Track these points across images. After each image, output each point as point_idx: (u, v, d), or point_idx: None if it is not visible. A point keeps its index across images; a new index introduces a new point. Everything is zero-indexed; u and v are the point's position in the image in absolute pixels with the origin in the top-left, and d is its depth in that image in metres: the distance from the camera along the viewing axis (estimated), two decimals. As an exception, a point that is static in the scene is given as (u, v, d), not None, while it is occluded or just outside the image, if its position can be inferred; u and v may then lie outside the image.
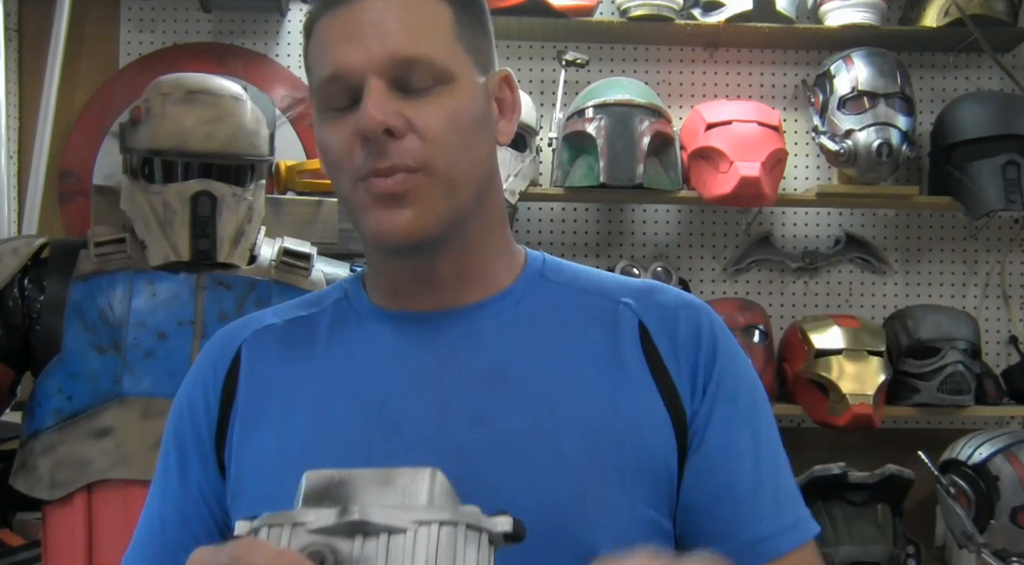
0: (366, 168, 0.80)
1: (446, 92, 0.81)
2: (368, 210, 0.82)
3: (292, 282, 1.80)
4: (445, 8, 0.83)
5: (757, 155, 2.42)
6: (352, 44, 0.80)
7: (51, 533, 1.68)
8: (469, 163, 0.83)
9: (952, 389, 2.48)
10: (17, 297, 1.73)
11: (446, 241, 0.84)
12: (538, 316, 0.88)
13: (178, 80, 1.81)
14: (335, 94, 0.82)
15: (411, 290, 0.88)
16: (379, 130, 0.78)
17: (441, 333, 0.87)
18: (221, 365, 0.91)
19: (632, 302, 0.89)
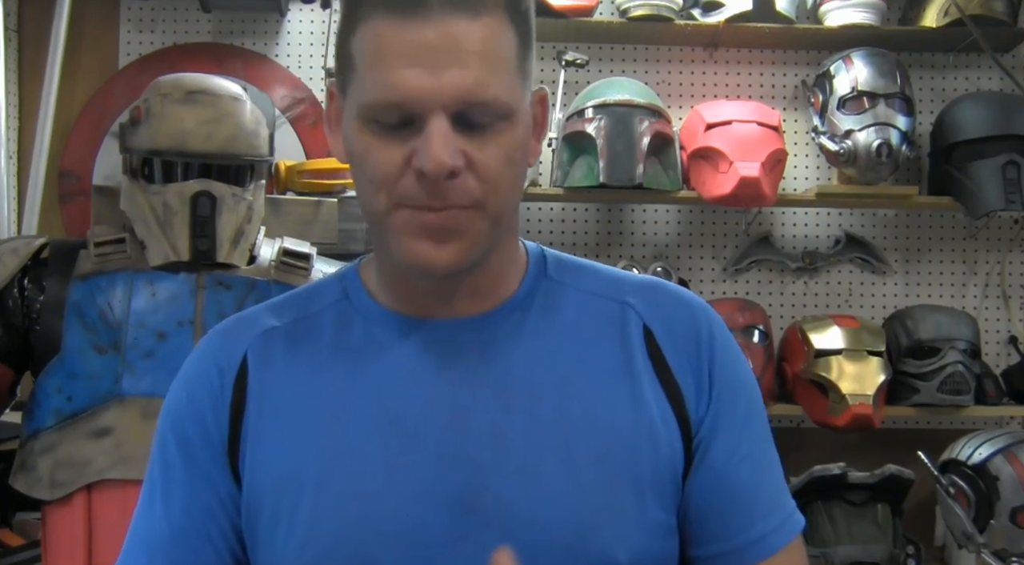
0: (417, 200, 0.77)
1: (506, 129, 0.79)
2: (409, 237, 0.79)
3: (292, 282, 1.80)
4: (512, 36, 0.80)
5: (757, 155, 2.42)
6: (421, 69, 0.75)
7: (51, 533, 1.68)
8: (514, 198, 0.84)
9: (952, 389, 2.48)
10: (17, 297, 1.73)
11: (471, 268, 0.83)
12: (546, 321, 0.88)
13: (178, 80, 1.81)
14: (388, 113, 0.77)
15: (425, 300, 0.87)
16: (444, 172, 0.75)
17: (453, 343, 0.86)
18: (228, 371, 0.88)
19: (636, 303, 0.89)
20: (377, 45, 0.76)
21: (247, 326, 0.91)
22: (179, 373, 0.92)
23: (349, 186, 2.46)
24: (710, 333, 0.89)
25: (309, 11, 2.74)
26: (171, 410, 0.90)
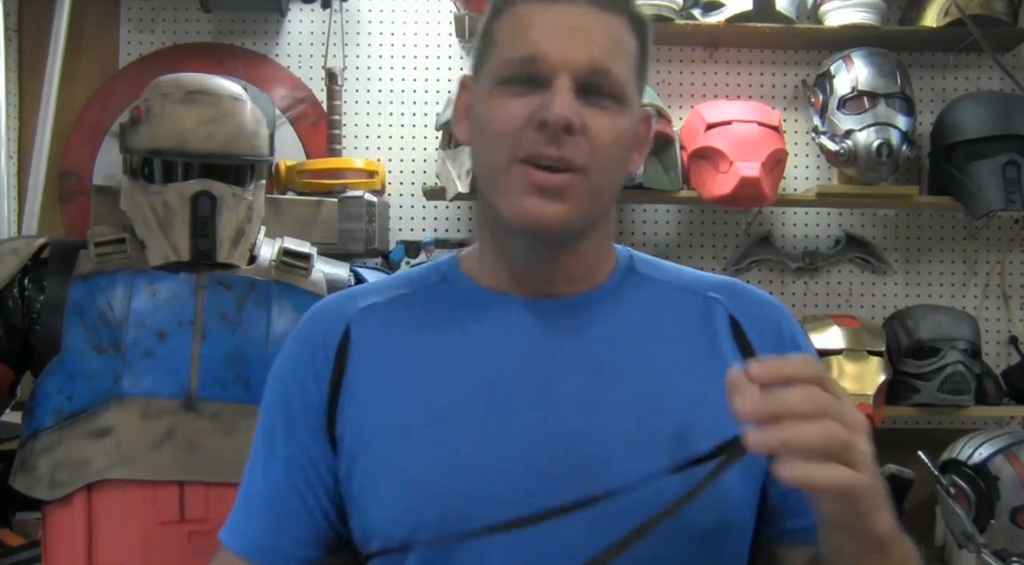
0: (534, 150, 0.85)
1: (618, 112, 0.88)
2: (522, 194, 0.86)
3: (292, 282, 1.80)
4: (635, 44, 0.91)
5: (757, 155, 2.42)
6: (556, 38, 0.86)
7: (51, 533, 1.67)
8: (614, 178, 0.91)
9: (952, 389, 2.48)
10: (17, 297, 1.73)
11: (572, 240, 0.91)
12: (635, 308, 0.95)
13: (178, 80, 1.81)
14: (519, 74, 0.87)
15: (524, 277, 0.94)
16: (562, 124, 0.84)
17: (547, 320, 0.92)
18: (331, 340, 0.94)
19: (720, 297, 0.97)
20: (521, 20, 0.88)
21: (348, 301, 0.98)
22: (284, 346, 0.99)
23: (349, 186, 2.47)
24: (791, 329, 0.97)
25: (309, 11, 2.74)
26: (277, 380, 0.97)
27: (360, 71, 2.75)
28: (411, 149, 2.75)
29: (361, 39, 2.76)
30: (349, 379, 0.92)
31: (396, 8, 2.77)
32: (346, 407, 0.92)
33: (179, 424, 1.67)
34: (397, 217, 2.73)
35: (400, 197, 2.74)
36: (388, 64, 2.77)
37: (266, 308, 1.76)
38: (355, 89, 2.74)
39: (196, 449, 1.66)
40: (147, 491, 1.65)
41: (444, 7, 2.75)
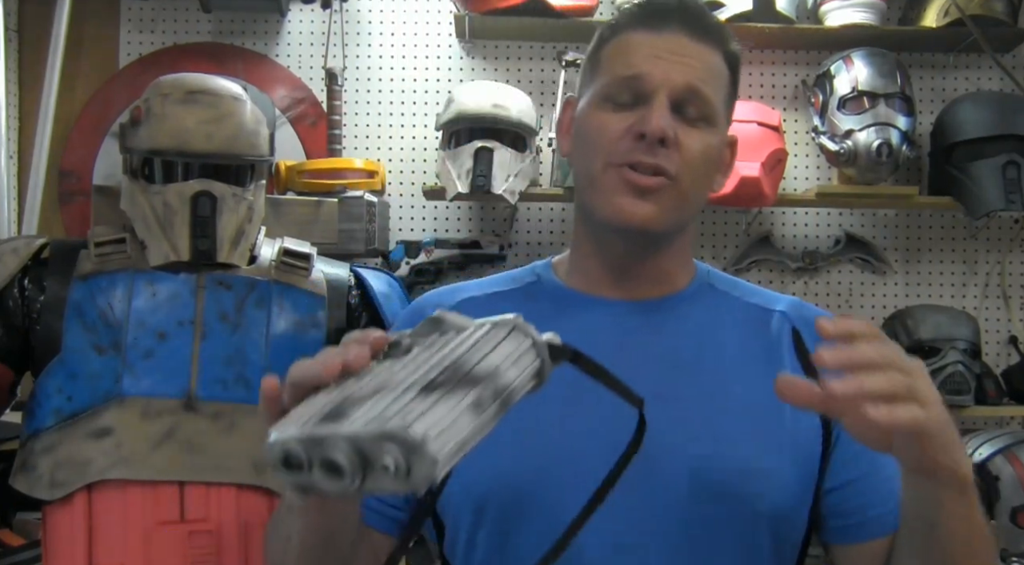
0: (630, 157, 0.95)
1: (708, 131, 0.99)
2: (615, 193, 0.96)
3: (292, 282, 1.80)
4: (726, 72, 1.02)
5: (757, 155, 2.42)
6: (658, 62, 0.97)
7: (51, 533, 1.67)
8: (700, 191, 1.01)
9: (952, 389, 2.48)
10: (17, 297, 1.73)
11: (659, 244, 1.01)
12: (708, 315, 1.04)
13: (178, 80, 1.81)
14: (623, 91, 0.98)
15: (613, 276, 1.03)
16: (659, 135, 0.94)
17: (627, 318, 1.01)
18: None
19: (787, 311, 1.06)
20: (626, 46, 1.00)
21: (451, 294, 1.09)
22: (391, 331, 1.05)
23: (349, 186, 2.47)
24: None
25: (309, 11, 2.74)
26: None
27: (360, 71, 2.75)
28: (411, 149, 2.75)
29: (361, 39, 2.76)
30: None
31: (396, 8, 2.77)
32: None
33: (179, 424, 1.67)
34: (397, 217, 2.73)
35: (400, 197, 2.74)
36: (388, 64, 2.77)
37: (266, 308, 1.76)
38: (355, 89, 2.74)
39: (196, 449, 1.66)
40: (147, 491, 1.65)
41: (444, 7, 2.75)
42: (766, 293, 1.11)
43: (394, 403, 0.63)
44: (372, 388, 0.66)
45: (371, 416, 0.63)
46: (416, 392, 0.64)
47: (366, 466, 0.62)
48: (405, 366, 0.68)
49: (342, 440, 0.62)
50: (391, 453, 0.61)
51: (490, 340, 0.71)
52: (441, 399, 0.64)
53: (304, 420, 0.66)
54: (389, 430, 0.61)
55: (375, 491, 0.63)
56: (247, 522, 1.66)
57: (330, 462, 0.62)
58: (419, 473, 0.61)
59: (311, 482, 0.64)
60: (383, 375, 0.68)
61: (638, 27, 1.00)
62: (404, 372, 0.67)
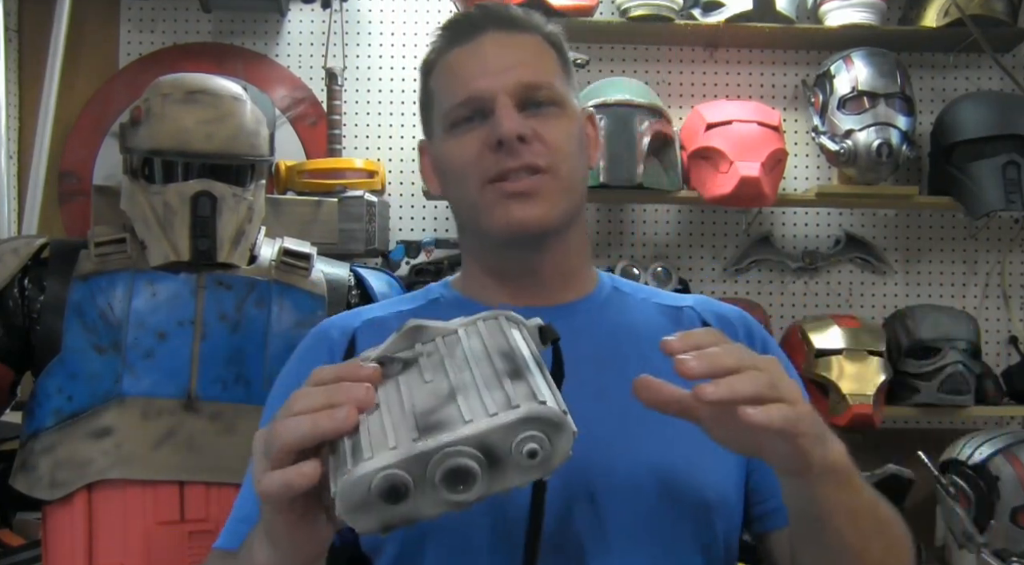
0: (498, 168, 0.94)
1: (560, 114, 0.98)
2: (498, 206, 0.95)
3: (292, 282, 1.80)
4: (551, 51, 1.02)
5: (757, 155, 2.42)
6: (482, 73, 0.96)
7: (51, 533, 1.67)
8: (578, 175, 1.00)
9: (952, 389, 2.48)
10: (17, 297, 1.73)
11: (555, 240, 0.99)
12: (621, 316, 1.03)
13: (178, 80, 1.81)
14: (464, 115, 0.97)
15: (517, 287, 1.01)
16: (514, 135, 0.93)
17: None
18: (337, 350, 0.99)
19: (694, 305, 1.07)
20: (450, 71, 0.99)
21: (354, 317, 1.05)
22: (291, 359, 1.04)
23: (349, 186, 2.46)
24: (761, 333, 1.07)
25: (309, 11, 2.74)
26: (276, 395, 1.00)
27: (360, 71, 2.75)
28: (411, 149, 2.75)
29: (361, 39, 2.76)
30: None
31: (396, 8, 2.77)
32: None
33: (179, 424, 1.67)
34: (397, 217, 2.73)
35: (400, 197, 2.74)
36: (388, 64, 2.77)
37: (266, 308, 1.76)
38: (355, 89, 2.74)
39: (196, 449, 1.66)
40: (147, 491, 1.65)
41: (444, 7, 2.75)
42: (668, 294, 1.11)
43: (487, 397, 0.61)
44: (430, 398, 0.63)
45: (478, 413, 0.60)
46: (496, 382, 0.62)
47: (495, 464, 0.60)
48: (453, 369, 0.66)
49: (464, 443, 0.59)
50: (534, 437, 0.59)
51: (496, 331, 0.70)
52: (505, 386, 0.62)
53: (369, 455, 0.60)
54: (531, 412, 0.59)
55: (503, 490, 0.61)
56: (247, 522, 1.66)
57: (457, 470, 0.59)
58: (560, 451, 0.60)
59: (414, 510, 0.60)
60: (423, 388, 0.65)
61: (453, 47, 1.00)
62: (462, 374, 0.65)
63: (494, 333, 0.70)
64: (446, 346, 0.69)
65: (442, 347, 0.69)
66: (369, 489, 0.60)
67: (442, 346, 0.70)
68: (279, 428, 0.66)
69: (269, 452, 0.67)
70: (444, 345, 0.70)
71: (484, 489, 0.60)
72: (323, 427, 0.65)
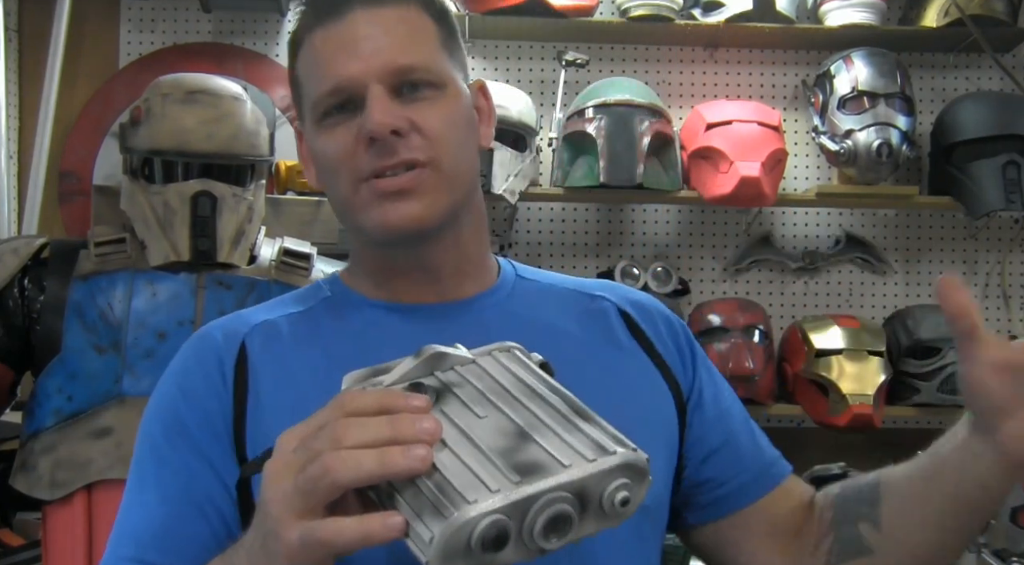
0: (372, 167, 0.85)
1: (440, 97, 0.88)
2: (373, 206, 0.86)
3: (292, 282, 1.80)
4: (429, 22, 0.90)
5: (757, 155, 2.42)
6: (350, 57, 0.86)
7: (51, 533, 1.68)
8: (465, 161, 0.90)
9: (952, 389, 2.48)
10: (17, 297, 1.73)
11: (445, 232, 0.90)
12: (531, 308, 0.95)
13: (178, 80, 1.81)
14: (333, 105, 0.87)
15: (411, 283, 0.92)
16: (387, 131, 0.84)
17: (450, 322, 0.91)
18: (227, 358, 0.89)
19: (607, 294, 0.99)
20: (313, 55, 0.88)
21: (239, 321, 0.94)
22: (165, 374, 0.93)
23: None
24: (679, 321, 1.01)
25: (309, 11, 2.74)
26: (160, 406, 0.91)
27: (360, 71, 2.75)
28: (411, 149, 2.75)
29: (361, 39, 2.76)
30: (251, 397, 0.87)
31: (396, 8, 2.77)
32: (253, 425, 0.86)
33: (179, 424, 1.66)
34: (397, 217, 2.73)
35: (400, 197, 2.74)
36: (388, 64, 2.76)
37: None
38: (355, 89, 2.74)
39: (196, 449, 1.66)
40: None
41: (444, 7, 2.75)
42: (574, 279, 1.02)
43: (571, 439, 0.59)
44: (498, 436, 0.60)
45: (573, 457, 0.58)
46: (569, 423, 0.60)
47: (583, 511, 0.58)
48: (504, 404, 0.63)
49: (565, 489, 0.57)
50: (626, 485, 0.58)
51: (520, 365, 0.68)
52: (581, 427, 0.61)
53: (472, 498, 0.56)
54: (627, 459, 0.58)
55: (577, 539, 0.59)
56: (247, 522, 1.66)
57: (558, 517, 0.57)
58: (640, 499, 0.59)
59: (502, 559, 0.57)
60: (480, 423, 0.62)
61: (317, 26, 0.88)
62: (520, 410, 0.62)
63: (519, 366, 0.67)
64: (473, 377, 0.66)
65: (471, 378, 0.66)
66: (471, 535, 0.55)
67: (469, 376, 0.66)
68: (331, 463, 0.58)
69: (309, 489, 0.59)
70: (470, 375, 0.66)
71: (572, 537, 0.58)
72: (397, 466, 0.58)
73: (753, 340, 2.49)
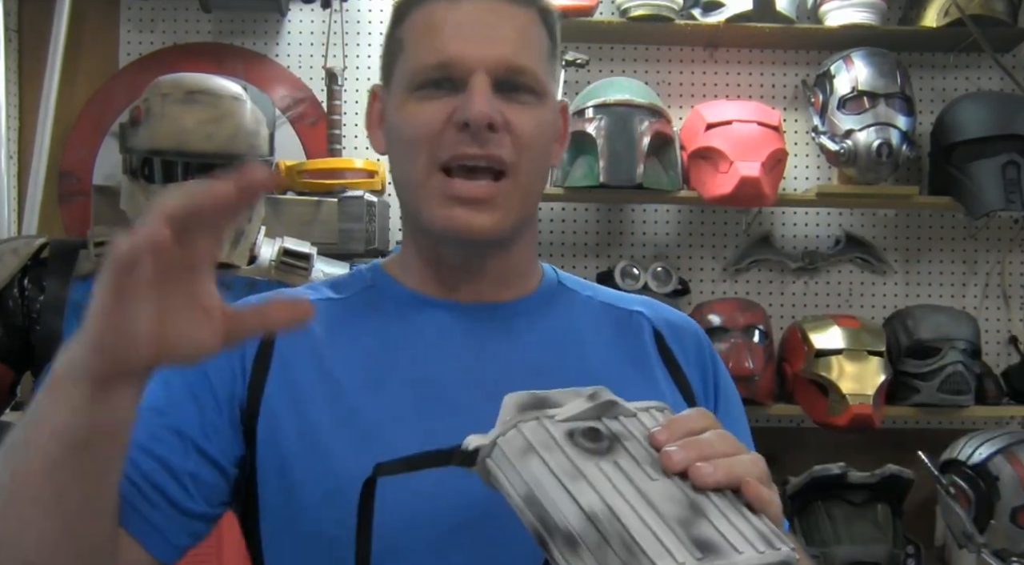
0: (454, 151, 0.84)
1: (539, 105, 0.88)
2: (443, 205, 0.85)
3: (292, 282, 1.81)
4: (543, 32, 0.91)
5: (757, 155, 2.42)
6: (465, 38, 0.85)
7: (51, 533, 1.67)
8: (540, 174, 0.92)
9: (952, 389, 2.48)
10: (17, 297, 1.73)
11: (501, 242, 0.90)
12: (566, 318, 0.95)
13: (178, 80, 1.81)
14: (433, 79, 0.86)
15: (454, 281, 0.92)
16: (484, 121, 0.83)
17: (480, 324, 0.91)
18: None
19: (644, 311, 0.98)
20: (428, 21, 0.87)
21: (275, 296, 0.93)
22: None
23: (349, 186, 2.47)
24: (709, 347, 0.99)
25: (309, 11, 2.74)
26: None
27: (360, 71, 2.75)
28: (411, 149, 2.75)
29: (361, 39, 2.76)
30: (272, 375, 0.86)
31: (396, 8, 2.77)
32: (270, 403, 0.85)
33: (179, 424, 1.66)
34: (397, 217, 2.73)
35: (400, 197, 2.74)
36: (388, 64, 2.76)
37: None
38: (355, 89, 2.74)
39: (196, 449, 1.66)
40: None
41: (444, 7, 2.75)
42: (616, 293, 1.02)
43: (740, 524, 0.61)
44: (671, 505, 0.61)
45: (742, 544, 0.60)
46: (735, 509, 0.62)
47: None
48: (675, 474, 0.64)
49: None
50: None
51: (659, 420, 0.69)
52: (745, 514, 0.63)
53: (648, 561, 0.58)
54: (788, 558, 0.60)
55: None
56: (247, 522, 1.66)
57: None
58: None
59: None
60: (653, 486, 0.63)
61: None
62: (688, 485, 0.63)
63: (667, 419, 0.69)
64: (637, 433, 0.67)
65: (636, 433, 0.67)
66: None
67: (634, 431, 0.67)
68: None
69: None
70: (634, 430, 0.67)
71: None
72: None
73: (753, 340, 2.49)
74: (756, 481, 0.64)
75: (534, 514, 0.63)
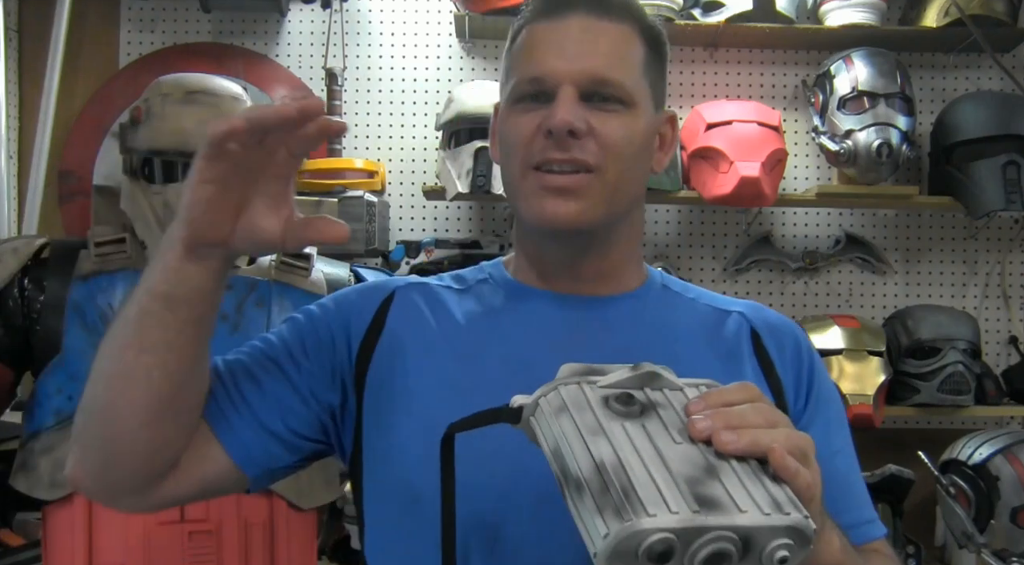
0: (542, 157, 0.93)
1: (626, 113, 0.95)
2: (536, 196, 0.94)
3: (292, 282, 1.80)
4: (639, 45, 0.97)
5: (757, 155, 2.42)
6: (556, 55, 0.94)
7: (51, 533, 1.67)
8: (631, 178, 0.97)
9: (952, 389, 2.48)
10: (17, 297, 1.73)
11: (596, 239, 0.98)
12: (662, 314, 1.01)
13: (178, 80, 1.81)
14: (529, 93, 0.95)
15: (556, 276, 1.01)
16: (565, 128, 0.91)
17: (576, 311, 0.99)
18: (374, 299, 1.01)
19: (744, 312, 1.03)
20: (529, 42, 0.98)
21: (398, 278, 1.07)
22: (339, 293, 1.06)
23: (349, 186, 2.47)
24: (808, 350, 1.03)
25: (309, 11, 2.74)
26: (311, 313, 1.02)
27: (360, 71, 2.75)
28: (411, 149, 2.75)
29: (361, 39, 2.76)
30: (384, 337, 0.98)
31: (396, 8, 2.77)
32: (379, 361, 0.97)
33: (179, 424, 1.66)
34: (397, 217, 2.73)
35: (400, 197, 2.74)
36: (388, 64, 2.77)
37: (266, 308, 1.76)
38: (355, 89, 2.74)
39: (196, 449, 1.66)
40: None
41: (444, 7, 2.75)
42: (721, 297, 1.07)
43: (752, 489, 0.63)
44: (687, 465, 0.63)
45: (750, 505, 0.61)
46: (755, 477, 0.64)
47: (743, 557, 0.61)
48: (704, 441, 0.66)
49: (735, 531, 0.60)
50: (788, 545, 0.61)
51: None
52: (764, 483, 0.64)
53: (653, 512, 0.60)
54: (797, 524, 0.61)
55: None
56: (247, 522, 1.66)
57: (720, 554, 0.60)
58: (794, 562, 0.61)
59: None
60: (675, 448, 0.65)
61: (541, 19, 0.97)
62: (714, 452, 0.65)
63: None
64: (677, 404, 0.69)
65: (675, 404, 0.69)
66: (640, 544, 0.60)
67: (675, 402, 0.69)
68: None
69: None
70: (675, 402, 0.69)
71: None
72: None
73: (753, 340, 2.49)
74: (785, 452, 0.66)
75: (558, 465, 0.67)
